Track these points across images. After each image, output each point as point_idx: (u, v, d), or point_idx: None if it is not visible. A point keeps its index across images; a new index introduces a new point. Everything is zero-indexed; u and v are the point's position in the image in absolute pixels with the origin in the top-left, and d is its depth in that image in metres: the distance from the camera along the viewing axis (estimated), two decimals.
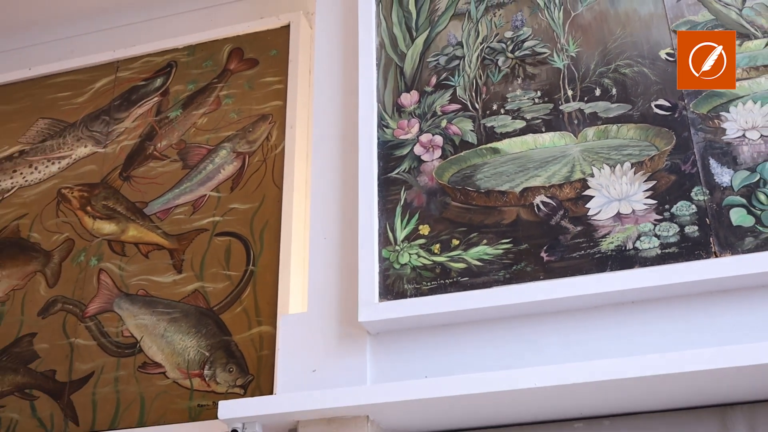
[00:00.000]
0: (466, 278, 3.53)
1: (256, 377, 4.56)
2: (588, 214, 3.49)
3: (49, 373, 4.93)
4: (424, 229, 3.68)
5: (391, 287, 3.58)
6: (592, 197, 3.52)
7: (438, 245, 3.63)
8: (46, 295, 5.23)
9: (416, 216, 3.72)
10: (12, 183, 5.72)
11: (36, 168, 5.73)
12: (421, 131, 3.92)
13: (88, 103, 5.86)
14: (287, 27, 5.57)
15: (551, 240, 3.50)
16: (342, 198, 3.96)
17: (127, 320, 4.93)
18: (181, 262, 5.05)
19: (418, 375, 3.49)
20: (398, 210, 3.75)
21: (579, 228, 3.48)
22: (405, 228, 3.71)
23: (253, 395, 4.04)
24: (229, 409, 3.61)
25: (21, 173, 5.74)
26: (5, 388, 4.94)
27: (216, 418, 3.75)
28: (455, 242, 3.61)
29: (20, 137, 5.92)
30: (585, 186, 3.56)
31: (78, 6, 6.14)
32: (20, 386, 4.94)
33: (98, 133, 5.70)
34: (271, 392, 3.96)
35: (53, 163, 5.72)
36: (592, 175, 3.56)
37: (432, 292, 3.55)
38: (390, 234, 3.70)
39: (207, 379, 4.63)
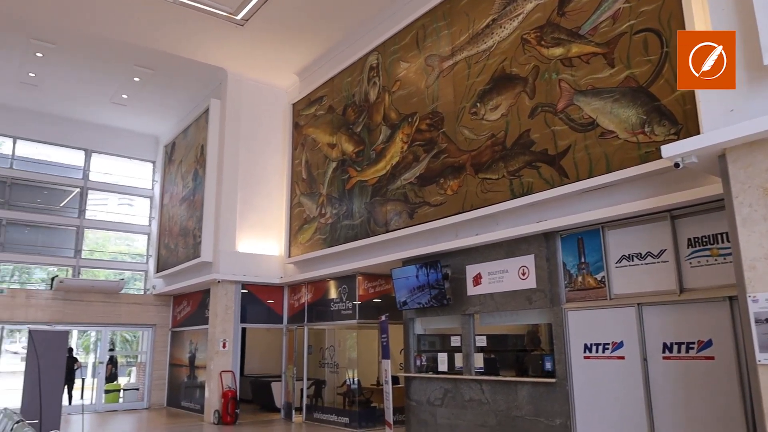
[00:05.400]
0: None
1: (684, 126, 4.18)
2: None
3: (543, 151, 5.25)
4: None
5: None
6: None
7: None
8: (529, 104, 5.50)
9: None
10: (492, 41, 5.98)
11: (504, 27, 5.84)
12: None
13: None
14: None
15: None
16: None
17: (585, 107, 4.91)
18: (612, 60, 4.74)
19: None
20: None
21: None
22: None
23: (684, 138, 3.63)
24: (670, 149, 3.48)
25: (497, 33, 5.90)
26: (519, 165, 5.42)
27: (659, 158, 3.52)
28: None
29: (490, 11, 6.02)
30: None
31: None
32: (528, 162, 5.36)
33: None
34: (697, 134, 3.52)
35: (512, 21, 5.81)
36: None
37: None
38: None
39: (648, 134, 4.39)
